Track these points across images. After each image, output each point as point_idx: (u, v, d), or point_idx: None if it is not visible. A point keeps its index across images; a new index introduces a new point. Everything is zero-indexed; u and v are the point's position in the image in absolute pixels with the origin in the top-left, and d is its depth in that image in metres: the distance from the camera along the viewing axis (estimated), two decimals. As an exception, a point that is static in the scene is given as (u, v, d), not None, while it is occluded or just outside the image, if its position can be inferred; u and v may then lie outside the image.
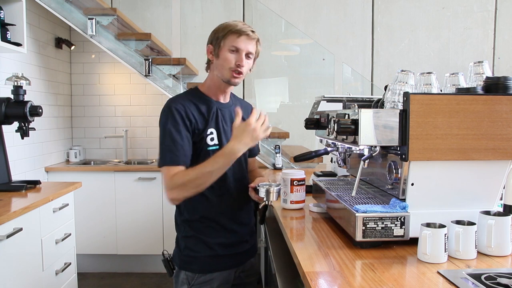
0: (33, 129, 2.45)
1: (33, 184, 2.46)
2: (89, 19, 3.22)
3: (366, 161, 1.33)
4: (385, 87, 1.41)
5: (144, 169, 3.61)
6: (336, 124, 1.29)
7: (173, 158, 1.50)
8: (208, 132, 1.58)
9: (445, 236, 1.15)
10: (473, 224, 1.19)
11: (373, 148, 1.28)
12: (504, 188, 1.32)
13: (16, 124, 2.40)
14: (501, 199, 1.34)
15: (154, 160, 4.01)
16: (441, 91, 1.35)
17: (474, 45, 4.20)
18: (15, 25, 2.60)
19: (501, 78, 1.23)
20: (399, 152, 1.25)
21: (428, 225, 1.19)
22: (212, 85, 1.64)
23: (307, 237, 1.44)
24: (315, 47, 4.21)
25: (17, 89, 2.36)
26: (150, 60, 3.34)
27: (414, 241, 1.23)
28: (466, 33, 4.20)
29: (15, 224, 1.94)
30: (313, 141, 3.65)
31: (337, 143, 1.60)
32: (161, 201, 3.58)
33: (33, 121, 2.40)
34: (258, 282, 1.84)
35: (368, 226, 1.24)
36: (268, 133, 1.55)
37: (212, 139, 1.59)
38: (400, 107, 1.26)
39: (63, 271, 2.45)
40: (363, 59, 4.24)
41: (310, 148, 3.34)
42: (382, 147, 1.28)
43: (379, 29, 4.22)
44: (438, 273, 1.08)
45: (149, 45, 3.53)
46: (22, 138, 2.44)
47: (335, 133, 1.31)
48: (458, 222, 1.20)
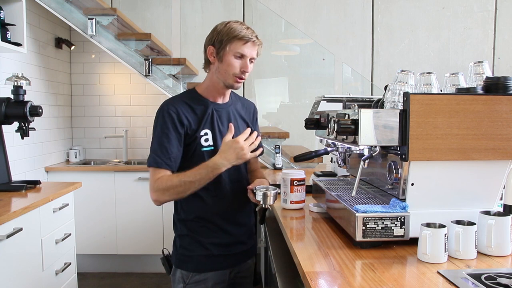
0: (33, 129, 2.45)
1: (33, 184, 2.46)
2: (89, 19, 3.22)
3: (366, 161, 1.33)
4: (385, 87, 1.41)
5: (144, 169, 3.60)
6: (336, 124, 1.29)
7: (157, 161, 1.56)
8: (202, 133, 1.59)
9: (445, 236, 1.15)
10: (473, 224, 1.19)
11: (373, 148, 1.28)
12: (504, 188, 1.32)
13: (16, 124, 2.40)
14: (501, 199, 1.34)
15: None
16: (441, 91, 1.35)
17: (474, 45, 4.20)
18: (15, 25, 2.60)
19: (501, 78, 1.23)
20: (399, 152, 1.25)
21: (428, 225, 1.19)
22: (210, 86, 1.64)
23: (307, 237, 1.45)
24: (315, 47, 4.21)
25: (17, 89, 2.36)
26: (150, 60, 3.34)
27: (414, 241, 1.23)
28: (466, 33, 4.20)
29: (15, 224, 1.94)
30: (313, 141, 3.65)
31: (337, 143, 1.60)
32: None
33: (33, 121, 2.40)
34: (255, 283, 1.84)
35: (368, 226, 1.24)
36: (257, 154, 1.59)
37: (206, 140, 1.59)
38: (400, 107, 1.26)
39: (63, 271, 2.45)
40: (363, 59, 4.24)
41: (310, 148, 3.34)
42: (382, 147, 1.28)
43: (379, 29, 4.22)
44: (438, 273, 1.08)
45: (149, 45, 3.53)
46: (22, 138, 2.44)
47: (335, 133, 1.31)
48: (458, 222, 1.20)
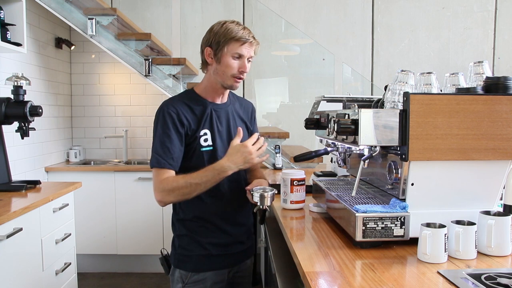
0: (33, 129, 2.45)
1: (33, 184, 2.46)
2: (89, 19, 3.22)
3: (366, 161, 1.33)
4: (385, 87, 1.41)
5: (144, 169, 3.60)
6: (336, 124, 1.29)
7: (159, 161, 1.53)
8: (202, 133, 1.59)
9: (445, 236, 1.15)
10: (473, 224, 1.19)
11: (373, 148, 1.28)
12: (504, 188, 1.32)
13: (16, 124, 2.40)
14: (501, 199, 1.34)
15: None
16: (441, 91, 1.35)
17: (474, 45, 4.20)
18: (15, 25, 2.60)
19: (501, 78, 1.23)
20: (399, 152, 1.25)
21: (428, 225, 1.19)
22: (209, 86, 1.64)
23: (307, 237, 1.44)
24: (315, 47, 4.21)
25: (17, 89, 2.36)
26: (150, 60, 3.34)
27: (414, 241, 1.23)
28: (466, 33, 4.20)
29: (15, 224, 1.94)
30: (313, 141, 3.65)
31: (337, 143, 1.60)
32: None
33: (33, 121, 2.40)
34: (255, 283, 1.84)
35: (368, 226, 1.24)
36: (264, 159, 1.58)
37: (206, 140, 1.60)
38: (400, 107, 1.26)
39: (63, 271, 2.45)
40: (363, 59, 4.24)
41: (310, 148, 3.34)
42: (382, 147, 1.28)
43: (379, 29, 4.22)
44: (438, 273, 1.08)
45: (149, 45, 3.53)
46: (22, 138, 2.44)
47: (335, 133, 1.31)
48: (458, 222, 1.20)
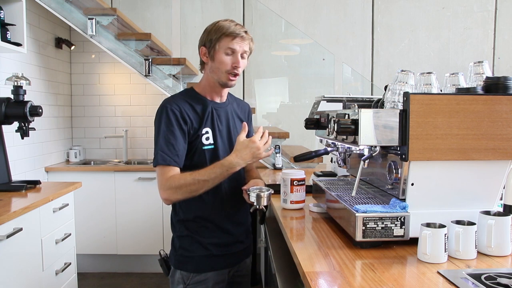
0: (33, 129, 2.45)
1: (33, 184, 2.46)
2: (89, 19, 3.22)
3: (366, 161, 1.33)
4: (385, 87, 1.41)
5: (144, 169, 3.61)
6: (336, 124, 1.29)
7: (165, 158, 1.52)
8: (204, 131, 1.60)
9: (445, 236, 1.15)
10: (473, 224, 1.19)
11: (373, 148, 1.28)
12: (504, 188, 1.32)
13: (16, 124, 2.40)
14: (501, 199, 1.34)
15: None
16: (441, 91, 1.35)
17: (474, 45, 4.20)
18: (15, 25, 2.60)
19: (501, 78, 1.23)
20: (399, 152, 1.25)
21: (428, 225, 1.19)
22: (207, 85, 1.65)
23: (307, 237, 1.44)
24: (315, 47, 4.20)
25: (17, 89, 2.36)
26: (150, 60, 3.34)
27: (414, 241, 1.23)
28: (466, 33, 4.20)
29: (15, 224, 1.94)
30: (313, 141, 3.65)
31: (337, 143, 1.60)
32: (161, 201, 3.57)
33: (33, 121, 2.40)
34: (255, 283, 1.84)
35: (368, 226, 1.24)
36: (269, 154, 1.58)
37: (207, 138, 1.60)
38: (400, 107, 1.26)
39: (63, 271, 2.45)
40: (363, 59, 4.24)
41: (310, 148, 3.34)
42: (382, 147, 1.28)
43: (379, 29, 4.22)
44: (438, 273, 1.08)
45: (149, 45, 3.53)
46: (22, 138, 2.44)
47: (335, 133, 1.31)
48: (458, 222, 1.20)
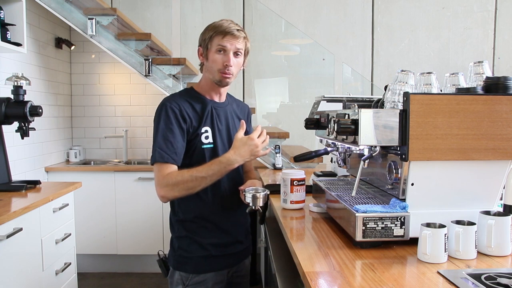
0: (33, 129, 2.45)
1: (33, 184, 2.46)
2: (89, 19, 3.22)
3: (366, 161, 1.33)
4: (385, 87, 1.40)
5: (144, 169, 3.61)
6: (336, 124, 1.29)
7: (163, 155, 1.52)
8: (203, 130, 1.60)
9: (445, 236, 1.15)
10: (473, 224, 1.19)
11: (373, 148, 1.27)
12: (504, 188, 1.32)
13: (16, 124, 2.40)
14: (501, 199, 1.34)
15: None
16: (441, 91, 1.35)
17: (474, 45, 4.20)
18: (15, 25, 2.60)
19: (501, 78, 1.23)
20: (399, 152, 1.25)
21: (428, 225, 1.19)
22: (205, 85, 1.66)
23: (307, 237, 1.44)
24: (315, 47, 4.20)
25: (17, 89, 2.36)
26: (150, 60, 3.34)
27: (414, 241, 1.23)
28: (466, 33, 4.20)
29: (15, 224, 1.94)
30: (313, 141, 3.65)
31: (337, 143, 1.60)
32: (162, 202, 3.58)
33: (33, 121, 2.40)
34: (254, 283, 1.84)
35: (368, 226, 1.24)
36: (267, 152, 1.60)
37: (207, 137, 1.60)
38: (400, 107, 1.26)
39: (63, 271, 2.45)
40: (363, 59, 4.24)
41: (310, 148, 3.34)
42: (382, 147, 1.28)
43: (379, 29, 4.22)
44: (438, 273, 1.08)
45: (149, 45, 3.53)
46: (22, 138, 2.44)
47: (335, 133, 1.31)
48: (458, 222, 1.20)
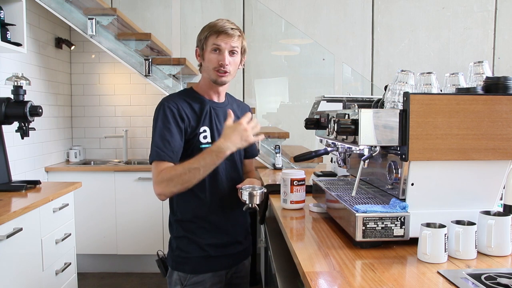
0: (33, 129, 2.45)
1: (33, 184, 2.46)
2: (89, 19, 3.22)
3: (366, 161, 1.33)
4: (385, 87, 1.40)
5: (144, 169, 3.61)
6: (336, 124, 1.29)
7: (159, 154, 1.52)
8: (201, 130, 1.60)
9: (445, 236, 1.15)
10: (473, 224, 1.19)
11: (373, 148, 1.27)
12: (504, 188, 1.32)
13: (16, 124, 2.40)
14: (501, 199, 1.34)
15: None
16: (441, 91, 1.35)
17: (474, 45, 4.20)
18: (15, 25, 2.60)
19: (501, 78, 1.23)
20: (399, 152, 1.25)
21: (428, 225, 1.19)
22: (204, 85, 1.67)
23: (307, 237, 1.44)
24: (315, 47, 4.20)
25: (17, 89, 2.36)
26: (150, 60, 3.34)
27: (414, 241, 1.23)
28: (466, 33, 4.20)
29: (15, 224, 1.94)
30: (313, 141, 3.65)
31: (337, 143, 1.60)
32: (161, 201, 3.58)
33: (33, 121, 2.40)
34: (254, 283, 1.84)
35: (368, 226, 1.24)
36: (259, 139, 1.56)
37: (205, 137, 1.60)
38: (400, 107, 1.26)
39: (63, 271, 2.45)
40: (363, 59, 4.24)
41: (310, 148, 3.34)
42: (382, 147, 1.28)
43: (379, 29, 4.22)
44: (438, 273, 1.08)
45: (149, 45, 3.53)
46: (22, 138, 2.44)
47: (335, 133, 1.31)
48: (458, 222, 1.20)
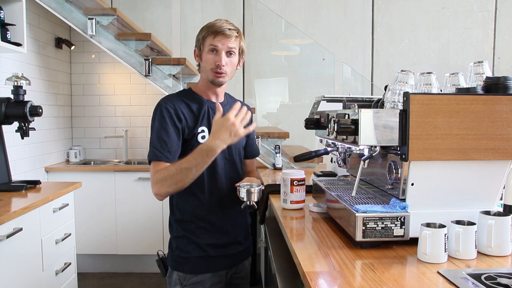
0: (33, 129, 2.45)
1: (33, 184, 2.46)
2: (89, 19, 3.22)
3: (366, 161, 1.33)
4: (385, 87, 1.40)
5: (144, 169, 3.61)
6: (336, 124, 1.29)
7: (156, 154, 1.55)
8: (199, 130, 1.60)
9: (445, 236, 1.15)
10: (473, 224, 1.19)
11: (373, 148, 1.27)
12: (504, 188, 1.32)
13: (16, 124, 2.40)
14: (501, 199, 1.34)
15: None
16: (441, 91, 1.35)
17: (474, 45, 4.20)
18: (15, 25, 2.60)
19: (501, 78, 1.23)
20: (399, 152, 1.24)
21: (428, 225, 1.19)
22: (202, 85, 1.67)
23: (307, 237, 1.44)
24: (315, 47, 4.20)
25: (17, 89, 2.36)
26: (150, 60, 3.34)
27: (414, 241, 1.23)
28: (466, 33, 4.20)
29: (15, 224, 1.94)
30: (313, 141, 3.65)
31: (337, 143, 1.60)
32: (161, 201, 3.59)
33: (33, 121, 2.40)
34: (254, 283, 1.84)
35: (368, 226, 1.24)
36: (251, 129, 1.51)
37: (203, 137, 1.61)
38: (400, 107, 1.26)
39: (63, 271, 2.45)
40: (363, 59, 4.24)
41: (310, 148, 3.34)
42: (382, 147, 1.28)
43: (379, 29, 4.22)
44: (438, 273, 1.08)
45: (149, 45, 3.53)
46: (22, 138, 2.44)
47: (335, 133, 1.31)
48: (458, 222, 1.20)
